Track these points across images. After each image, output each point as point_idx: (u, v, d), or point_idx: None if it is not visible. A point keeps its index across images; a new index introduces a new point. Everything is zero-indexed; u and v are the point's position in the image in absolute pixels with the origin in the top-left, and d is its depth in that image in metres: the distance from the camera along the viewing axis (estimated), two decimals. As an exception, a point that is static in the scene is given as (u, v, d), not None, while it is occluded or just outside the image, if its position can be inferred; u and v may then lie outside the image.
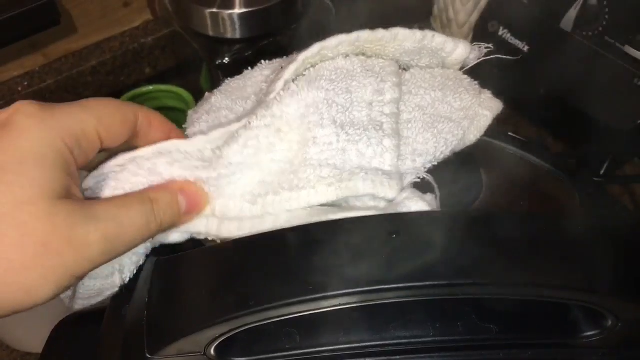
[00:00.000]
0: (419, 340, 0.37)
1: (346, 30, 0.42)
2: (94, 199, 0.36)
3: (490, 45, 0.44)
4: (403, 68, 0.44)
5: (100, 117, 0.35)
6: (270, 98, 0.40)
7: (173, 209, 0.36)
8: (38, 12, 0.71)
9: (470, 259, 0.33)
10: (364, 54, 0.43)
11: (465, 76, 0.44)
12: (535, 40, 0.72)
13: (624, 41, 0.64)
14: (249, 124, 0.38)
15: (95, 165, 0.38)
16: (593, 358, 0.36)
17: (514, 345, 0.37)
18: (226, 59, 0.69)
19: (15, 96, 0.76)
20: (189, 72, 0.80)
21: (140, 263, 0.39)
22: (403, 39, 0.42)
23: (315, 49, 0.40)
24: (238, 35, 0.69)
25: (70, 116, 0.33)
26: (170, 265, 0.38)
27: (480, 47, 0.44)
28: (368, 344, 0.37)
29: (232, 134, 0.39)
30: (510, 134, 0.50)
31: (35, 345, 0.67)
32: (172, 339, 0.34)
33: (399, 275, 0.32)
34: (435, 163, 0.39)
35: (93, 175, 0.37)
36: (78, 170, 0.34)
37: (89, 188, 0.37)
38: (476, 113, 0.41)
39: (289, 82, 0.40)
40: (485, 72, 0.76)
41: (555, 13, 0.69)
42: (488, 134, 0.48)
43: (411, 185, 0.39)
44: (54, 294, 0.31)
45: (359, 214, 0.36)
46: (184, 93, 0.73)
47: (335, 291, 0.32)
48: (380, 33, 0.41)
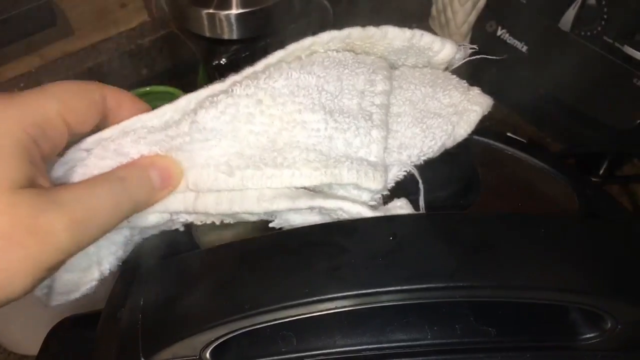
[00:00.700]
0: (417, 343, 0.36)
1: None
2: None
3: (475, 47, 0.45)
4: (391, 66, 0.44)
5: (63, 101, 0.33)
6: (256, 70, 0.39)
7: (145, 185, 0.35)
8: (34, 13, 0.71)
9: (467, 261, 0.33)
10: (353, 52, 0.43)
11: (454, 75, 0.44)
12: (533, 40, 0.72)
13: (623, 41, 0.64)
14: (232, 90, 0.38)
15: None
16: (592, 361, 0.36)
17: (512, 348, 0.36)
18: (223, 59, 0.69)
19: (12, 97, 0.75)
20: (185, 73, 0.80)
21: (120, 254, 0.38)
22: (393, 37, 0.42)
23: (306, 43, 0.41)
24: (235, 36, 0.69)
25: (31, 103, 0.32)
26: (165, 268, 0.37)
27: (465, 47, 0.44)
28: (365, 347, 0.36)
29: (211, 100, 0.38)
30: (508, 134, 0.50)
31: (32, 348, 0.66)
32: (167, 343, 0.34)
33: (396, 277, 0.32)
34: (423, 157, 0.39)
35: (60, 162, 0.36)
36: (45, 159, 0.33)
37: (58, 177, 0.35)
38: (465, 108, 0.41)
39: (271, 65, 0.40)
40: (484, 73, 0.76)
41: (554, 13, 0.69)
42: (486, 134, 0.47)
43: (399, 178, 0.38)
44: (26, 288, 0.30)
45: (342, 203, 0.36)
46: (180, 94, 0.73)
47: (330, 294, 0.32)
48: (371, 30, 0.41)
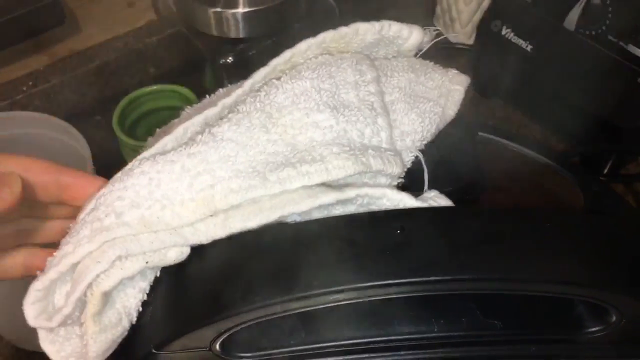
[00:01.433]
0: (424, 335, 0.37)
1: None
2: None
3: (438, 28, 0.46)
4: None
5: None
6: (245, 89, 0.40)
7: None
8: (43, 12, 0.72)
9: (475, 254, 0.33)
10: (330, 54, 0.43)
11: (427, 60, 0.46)
12: (538, 39, 0.72)
13: (627, 40, 0.64)
14: (237, 110, 0.38)
15: None
16: (597, 353, 0.36)
17: (518, 340, 0.37)
18: (230, 58, 0.70)
19: (20, 96, 0.76)
20: (192, 72, 0.80)
21: (143, 296, 0.36)
22: (364, 32, 0.43)
23: (286, 55, 0.41)
24: (241, 34, 0.69)
25: None
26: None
27: (430, 30, 0.46)
28: (372, 339, 0.37)
29: (218, 117, 0.38)
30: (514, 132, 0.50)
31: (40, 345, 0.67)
32: (178, 335, 0.34)
33: (404, 270, 0.32)
34: (424, 142, 0.41)
35: None
36: None
37: None
38: (449, 89, 0.43)
39: (257, 83, 0.41)
40: (489, 72, 0.76)
41: (559, 12, 0.69)
42: (493, 132, 0.48)
43: (410, 164, 0.40)
44: None
45: (386, 191, 0.37)
46: (187, 93, 0.73)
47: (339, 286, 0.32)
48: (343, 30, 0.42)
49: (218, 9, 0.67)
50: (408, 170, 0.40)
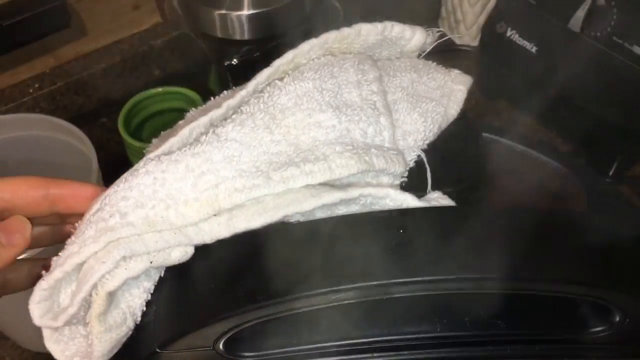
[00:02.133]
0: (427, 335, 0.37)
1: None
2: None
3: (441, 29, 0.46)
4: None
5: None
6: (249, 90, 0.40)
7: None
8: (49, 15, 0.72)
9: (478, 254, 0.33)
10: (332, 55, 0.43)
11: (429, 61, 0.46)
12: (543, 41, 0.72)
13: (633, 41, 0.64)
14: (241, 111, 0.38)
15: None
16: (600, 353, 0.36)
17: (521, 340, 0.37)
18: (235, 60, 0.70)
19: (27, 98, 0.76)
20: (197, 74, 0.80)
21: (147, 296, 0.36)
22: (366, 33, 0.43)
23: (289, 56, 0.41)
24: (246, 36, 0.69)
25: None
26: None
27: (433, 31, 0.46)
28: (376, 339, 0.37)
29: (223, 118, 0.38)
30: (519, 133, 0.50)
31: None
32: (181, 334, 0.34)
33: (406, 270, 0.32)
34: (426, 141, 0.41)
35: None
36: None
37: None
38: (451, 89, 0.43)
39: (260, 84, 0.41)
40: (494, 73, 0.76)
41: (564, 14, 0.69)
42: (497, 133, 0.48)
43: (412, 163, 0.40)
44: None
45: (389, 191, 0.37)
46: (192, 94, 0.74)
47: (342, 286, 0.32)
48: (346, 31, 0.42)
49: (223, 11, 0.68)
50: (410, 170, 0.40)
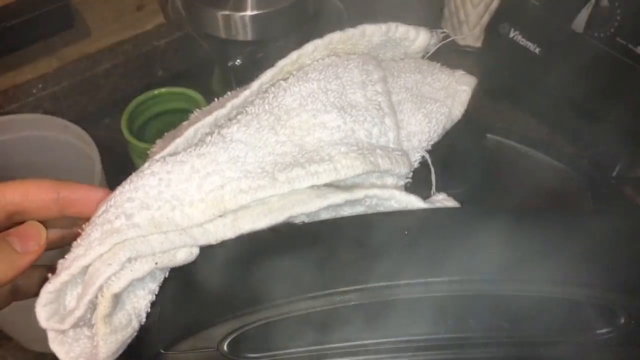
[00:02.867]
0: (431, 337, 0.37)
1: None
2: None
3: (445, 30, 0.46)
4: None
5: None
6: (253, 90, 0.40)
7: (3, 253, 0.34)
8: (52, 16, 0.72)
9: (483, 255, 0.33)
10: (337, 56, 0.43)
11: (434, 62, 0.46)
12: (546, 41, 0.72)
13: (636, 42, 0.64)
14: (245, 111, 0.38)
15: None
16: (605, 356, 0.36)
17: (526, 342, 0.37)
18: (238, 60, 0.70)
19: (30, 98, 0.77)
20: (201, 75, 0.80)
21: (153, 299, 0.36)
22: (371, 34, 0.43)
23: (293, 56, 0.41)
24: (250, 37, 0.69)
25: None
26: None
27: (437, 33, 0.46)
28: (381, 340, 0.37)
29: (227, 117, 0.38)
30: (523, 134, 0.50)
31: (48, 345, 0.67)
32: (186, 335, 0.34)
33: (411, 271, 0.32)
34: (431, 142, 0.41)
35: None
36: None
37: None
38: (455, 90, 0.43)
39: (264, 84, 0.41)
40: (497, 74, 0.76)
41: (567, 14, 0.69)
42: (501, 133, 0.48)
43: (417, 164, 0.40)
44: None
45: (394, 192, 0.37)
46: (195, 95, 0.74)
47: (346, 287, 0.32)
48: (350, 31, 0.42)
49: (227, 12, 0.68)
50: (415, 171, 0.40)
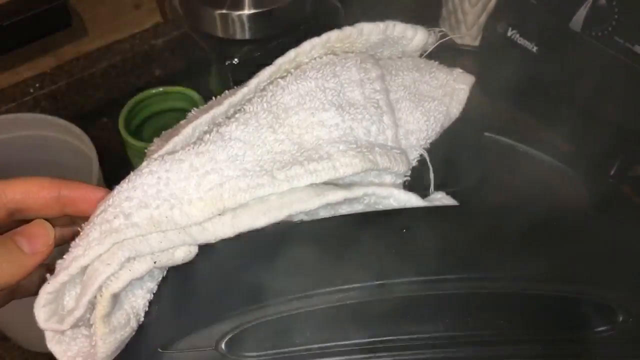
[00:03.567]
0: (429, 335, 0.37)
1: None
2: None
3: (443, 29, 0.46)
4: None
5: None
6: (251, 87, 0.40)
7: (10, 254, 0.35)
8: (50, 15, 0.72)
9: (482, 253, 0.33)
10: (334, 54, 0.43)
11: (432, 60, 0.46)
12: (544, 40, 0.72)
13: (634, 41, 0.64)
14: (244, 110, 0.38)
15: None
16: (604, 353, 0.36)
17: (524, 340, 0.37)
18: (235, 60, 0.70)
19: (27, 98, 0.76)
20: (198, 74, 0.80)
21: (151, 298, 0.37)
22: (368, 32, 0.43)
23: (291, 55, 0.41)
24: (247, 36, 0.69)
25: None
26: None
27: (435, 32, 0.46)
28: (378, 339, 0.37)
29: (225, 115, 0.38)
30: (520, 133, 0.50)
31: (47, 346, 0.67)
32: (183, 334, 0.34)
33: (408, 269, 0.32)
34: (429, 140, 0.41)
35: None
36: None
37: None
38: (453, 88, 0.43)
39: (262, 82, 0.41)
40: (495, 73, 0.76)
41: (565, 13, 0.69)
42: (499, 132, 0.48)
43: (415, 162, 0.40)
44: None
45: (393, 191, 0.37)
46: (193, 94, 0.74)
47: (340, 286, 0.32)
48: (348, 30, 0.42)
49: (224, 11, 0.68)
50: (412, 170, 0.40)
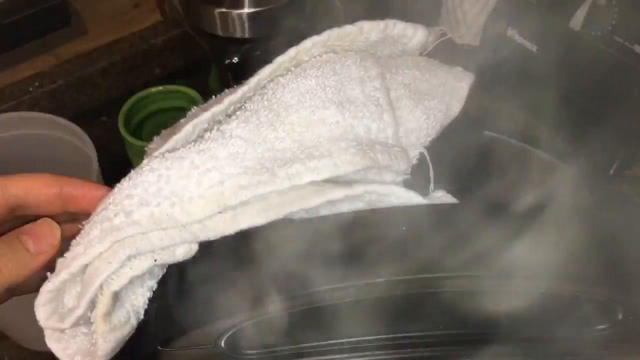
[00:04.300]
0: (429, 333, 0.37)
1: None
2: None
3: (442, 28, 0.46)
4: None
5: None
6: (250, 86, 0.40)
7: (16, 253, 0.35)
8: (49, 13, 0.72)
9: (481, 251, 0.33)
10: (334, 53, 0.43)
11: (432, 59, 0.46)
12: (543, 40, 0.72)
13: (634, 41, 0.64)
14: (244, 108, 0.38)
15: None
16: (603, 351, 0.36)
17: (523, 338, 0.37)
18: (235, 58, 0.70)
19: (27, 96, 0.76)
20: (198, 73, 0.80)
21: (151, 296, 0.36)
22: (368, 31, 0.43)
23: (291, 53, 0.41)
24: (247, 34, 0.69)
25: None
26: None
27: (435, 30, 0.46)
28: (377, 337, 0.37)
29: (225, 113, 0.38)
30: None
31: (46, 344, 0.67)
32: (183, 331, 0.34)
33: (407, 267, 0.32)
34: (429, 139, 0.41)
35: None
36: None
37: None
38: (453, 86, 0.43)
39: (262, 80, 0.41)
40: (494, 73, 0.76)
41: (564, 12, 0.69)
42: (499, 130, 0.48)
43: (416, 160, 0.40)
44: None
45: (394, 189, 0.37)
46: (193, 93, 0.74)
47: (338, 284, 0.32)
48: (348, 28, 0.42)
49: (224, 10, 0.68)
50: (412, 168, 0.40)
